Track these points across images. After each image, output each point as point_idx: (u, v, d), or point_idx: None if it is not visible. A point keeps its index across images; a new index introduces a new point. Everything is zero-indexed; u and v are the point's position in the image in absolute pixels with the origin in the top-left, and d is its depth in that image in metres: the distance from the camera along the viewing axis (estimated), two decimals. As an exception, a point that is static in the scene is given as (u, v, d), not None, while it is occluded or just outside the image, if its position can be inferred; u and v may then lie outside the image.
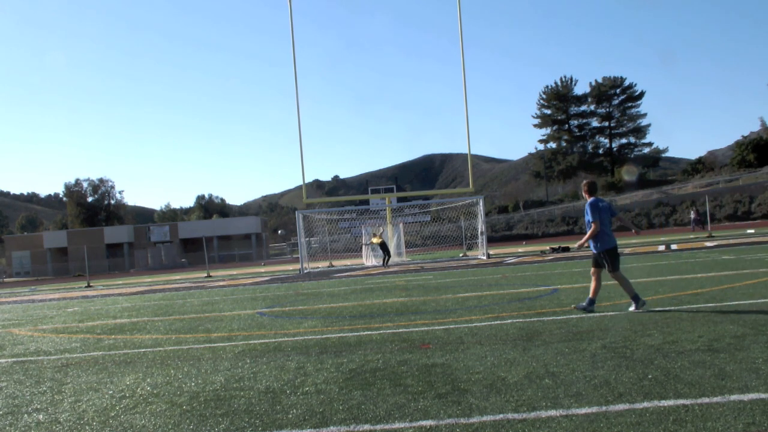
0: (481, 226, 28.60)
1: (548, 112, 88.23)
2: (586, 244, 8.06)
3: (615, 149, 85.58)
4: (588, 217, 7.92)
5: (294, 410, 4.37)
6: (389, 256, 26.21)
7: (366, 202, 44.60)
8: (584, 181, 8.28)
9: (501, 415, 3.89)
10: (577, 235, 53.36)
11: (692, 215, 44.05)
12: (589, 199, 8.06)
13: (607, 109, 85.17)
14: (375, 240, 26.54)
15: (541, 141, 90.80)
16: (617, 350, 5.49)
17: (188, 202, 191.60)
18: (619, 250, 8.07)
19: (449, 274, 17.92)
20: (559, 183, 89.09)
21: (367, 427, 3.89)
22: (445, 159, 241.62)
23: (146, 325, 10.43)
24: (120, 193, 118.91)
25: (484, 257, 26.57)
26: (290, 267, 34.94)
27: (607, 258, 7.84)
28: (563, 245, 29.89)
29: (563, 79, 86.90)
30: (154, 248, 68.52)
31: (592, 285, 7.99)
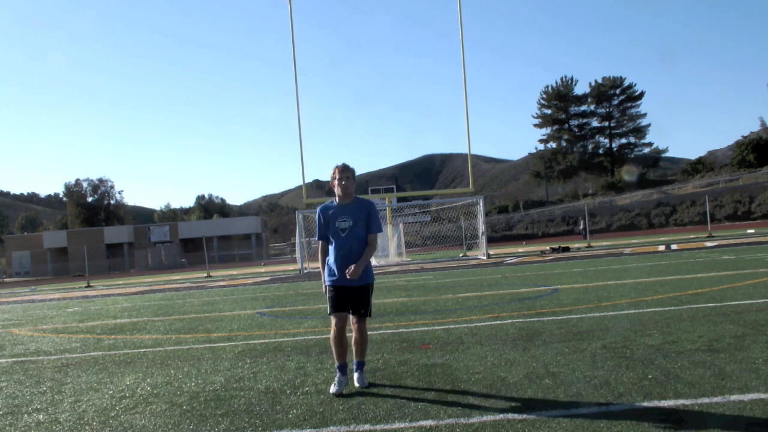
0: (481, 226, 28.61)
1: (548, 112, 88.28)
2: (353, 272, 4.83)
3: (615, 149, 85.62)
4: (376, 226, 5.09)
5: (294, 410, 4.36)
6: None
7: (366, 202, 44.48)
8: (345, 165, 5.10)
9: (501, 415, 3.89)
10: (578, 236, 53.22)
11: (580, 225, 45.19)
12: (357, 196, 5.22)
13: (607, 109, 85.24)
14: None
15: (541, 141, 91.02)
16: (617, 350, 5.49)
17: (188, 202, 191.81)
18: (617, 250, 8.01)
19: (449, 274, 17.92)
20: (559, 183, 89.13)
21: (367, 427, 3.89)
22: (445, 159, 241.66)
23: (146, 325, 10.43)
24: (120, 193, 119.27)
25: (484, 257, 26.56)
26: (290, 267, 34.94)
27: (370, 294, 5.04)
28: (563, 245, 29.88)
29: (563, 79, 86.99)
30: (154, 248, 68.54)
31: (344, 346, 4.96)
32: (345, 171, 5.08)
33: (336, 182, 5.08)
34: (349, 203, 5.10)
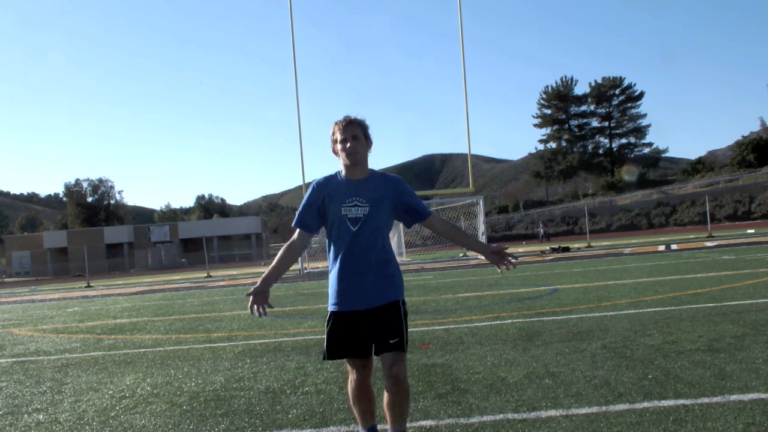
0: (481, 226, 28.61)
1: (548, 112, 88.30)
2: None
3: (615, 149, 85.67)
4: (423, 205, 3.40)
5: (294, 410, 4.36)
6: None
7: (366, 202, 44.42)
8: (350, 119, 3.13)
9: (501, 415, 3.88)
10: (577, 236, 53.20)
11: (540, 229, 46.53)
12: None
13: (607, 109, 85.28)
14: None
15: (541, 141, 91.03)
16: (617, 350, 5.49)
17: (188, 202, 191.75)
18: (617, 250, 8.00)
19: (449, 274, 17.92)
20: (559, 183, 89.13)
21: (367, 427, 3.88)
22: (445, 159, 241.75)
23: (146, 325, 10.43)
24: (120, 193, 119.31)
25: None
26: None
27: (404, 315, 3.21)
28: (563, 245, 29.89)
29: (563, 79, 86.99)
30: (154, 248, 68.52)
31: (371, 402, 3.31)
32: (351, 127, 3.09)
33: (339, 146, 3.13)
34: (363, 178, 3.20)
